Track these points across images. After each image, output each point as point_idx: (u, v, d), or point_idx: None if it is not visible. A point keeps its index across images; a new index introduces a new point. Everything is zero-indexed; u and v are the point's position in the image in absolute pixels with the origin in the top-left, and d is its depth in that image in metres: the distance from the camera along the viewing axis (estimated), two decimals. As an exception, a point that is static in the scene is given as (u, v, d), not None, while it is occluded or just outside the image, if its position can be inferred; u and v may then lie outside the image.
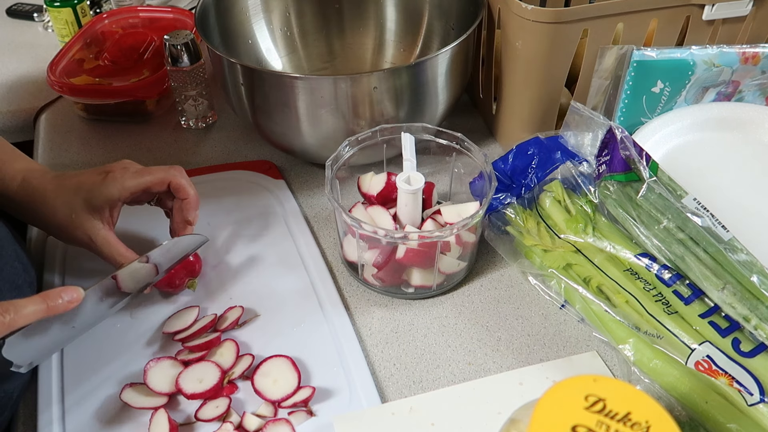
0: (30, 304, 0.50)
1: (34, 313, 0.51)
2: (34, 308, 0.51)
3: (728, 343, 0.56)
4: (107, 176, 0.63)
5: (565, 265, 0.66)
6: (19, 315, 0.49)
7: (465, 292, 0.69)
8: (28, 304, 0.50)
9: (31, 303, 0.51)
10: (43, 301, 0.51)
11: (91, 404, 0.58)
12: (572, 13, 0.71)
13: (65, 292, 0.53)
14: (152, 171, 0.65)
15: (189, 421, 0.57)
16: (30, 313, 0.50)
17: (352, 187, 0.76)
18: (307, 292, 0.68)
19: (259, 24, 0.92)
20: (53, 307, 0.52)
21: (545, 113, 0.81)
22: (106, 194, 0.63)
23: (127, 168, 0.65)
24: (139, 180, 0.64)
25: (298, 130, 0.75)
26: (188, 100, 0.89)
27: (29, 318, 0.50)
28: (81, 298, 0.54)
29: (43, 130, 0.94)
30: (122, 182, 0.63)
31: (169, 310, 0.66)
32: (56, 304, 0.52)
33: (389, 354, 0.63)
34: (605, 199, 0.67)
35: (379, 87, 0.71)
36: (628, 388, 0.38)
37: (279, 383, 0.58)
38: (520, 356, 0.63)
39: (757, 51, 0.72)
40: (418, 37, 0.94)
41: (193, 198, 0.66)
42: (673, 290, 0.61)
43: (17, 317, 0.49)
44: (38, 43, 1.13)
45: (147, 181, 0.64)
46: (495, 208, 0.72)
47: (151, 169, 0.65)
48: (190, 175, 0.69)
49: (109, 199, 0.63)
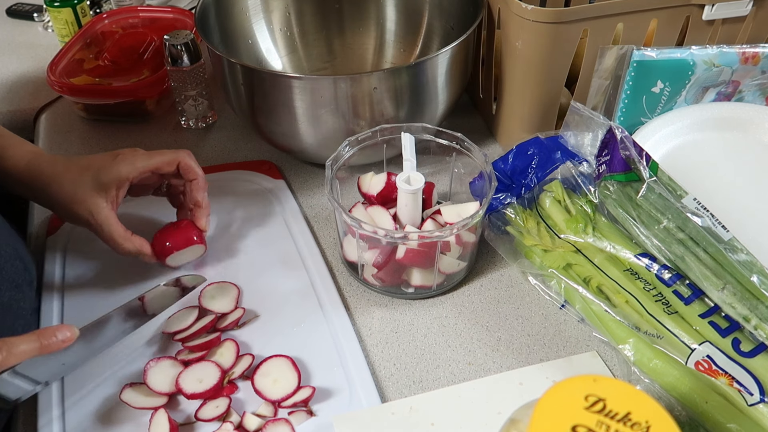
0: (23, 342, 0.50)
1: (27, 351, 0.50)
2: (28, 347, 0.50)
3: (728, 343, 0.56)
4: (117, 157, 0.65)
5: (565, 265, 0.66)
6: (11, 354, 0.49)
7: (465, 292, 0.69)
8: (21, 342, 0.50)
9: (25, 342, 0.50)
10: (37, 340, 0.51)
11: (91, 404, 0.58)
12: (572, 13, 0.71)
13: (60, 330, 0.53)
14: (162, 152, 0.67)
15: (189, 421, 0.57)
16: (23, 351, 0.50)
17: (352, 187, 0.76)
18: (307, 292, 0.68)
19: (259, 24, 0.92)
20: (47, 346, 0.52)
21: (545, 113, 0.81)
22: (115, 172, 0.64)
23: (136, 151, 0.67)
24: (148, 160, 0.66)
25: (298, 130, 0.75)
26: (188, 100, 0.89)
27: (22, 357, 0.50)
28: (75, 337, 0.54)
29: (43, 130, 0.94)
30: (133, 161, 0.65)
31: (169, 310, 0.66)
32: (50, 343, 0.52)
33: (389, 354, 0.63)
34: (605, 199, 0.67)
35: (379, 87, 0.71)
36: (628, 388, 0.38)
37: (279, 383, 0.58)
38: (520, 356, 0.63)
39: (757, 51, 0.72)
40: (418, 37, 0.94)
41: (201, 179, 0.68)
42: (673, 290, 0.61)
43: (9, 356, 0.49)
44: (38, 43, 1.13)
45: (157, 161, 0.66)
46: (495, 208, 0.72)
47: (161, 152, 0.68)
48: None
49: (118, 176, 0.64)
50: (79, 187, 0.64)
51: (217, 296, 0.66)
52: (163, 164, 0.67)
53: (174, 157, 0.67)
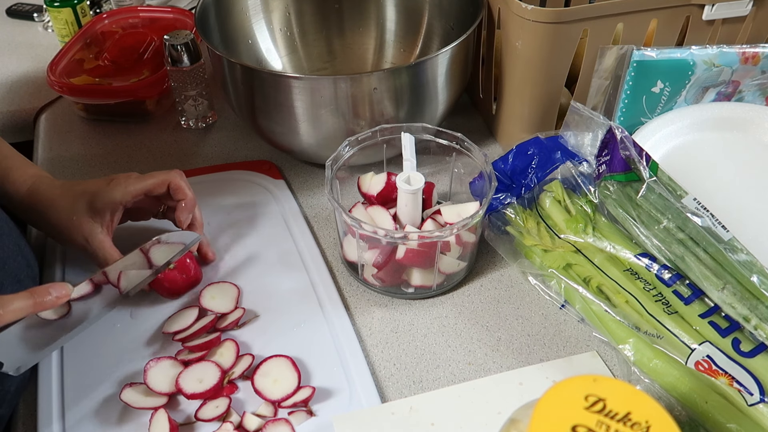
0: (17, 299, 0.50)
1: (21, 309, 0.50)
2: (21, 304, 0.50)
3: (728, 343, 0.56)
4: (111, 182, 0.66)
5: (565, 265, 0.66)
6: (6, 310, 0.49)
7: (465, 292, 0.69)
8: (14, 299, 0.50)
9: (18, 299, 0.50)
10: (31, 297, 0.51)
11: (91, 404, 0.58)
12: (572, 13, 0.71)
13: (53, 288, 0.52)
14: (153, 174, 0.68)
15: (189, 421, 0.57)
16: (17, 308, 0.50)
17: (352, 187, 0.76)
18: (307, 292, 0.68)
19: (259, 24, 0.92)
20: (40, 303, 0.51)
21: (545, 113, 0.81)
22: (109, 197, 0.65)
23: (130, 176, 0.67)
24: (140, 184, 0.66)
25: (298, 131, 0.75)
26: (188, 100, 0.89)
27: (16, 314, 0.50)
28: (69, 294, 0.54)
29: (43, 130, 0.94)
30: (125, 186, 0.66)
31: (169, 310, 0.66)
32: (44, 300, 0.52)
33: (389, 354, 0.63)
34: (605, 199, 0.67)
35: (379, 87, 0.71)
36: (628, 388, 0.38)
37: (279, 383, 0.58)
38: (520, 356, 0.63)
39: (757, 51, 0.72)
40: (418, 37, 0.94)
41: (189, 200, 0.68)
42: (673, 290, 0.61)
43: (4, 313, 0.49)
44: (38, 43, 1.13)
45: (148, 184, 0.67)
46: (495, 208, 0.72)
47: (152, 174, 0.68)
48: (189, 175, 0.71)
49: (112, 201, 0.65)
50: (74, 212, 0.64)
51: (217, 296, 0.66)
52: (154, 186, 0.67)
53: (165, 178, 0.67)
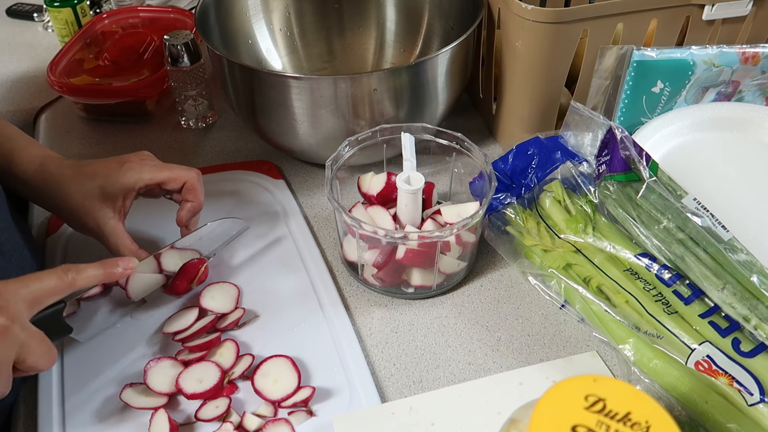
0: (90, 268, 0.54)
1: (94, 276, 0.55)
2: (94, 272, 0.55)
3: (728, 343, 0.56)
4: (124, 165, 0.64)
5: (565, 265, 0.66)
6: (80, 276, 0.53)
7: (465, 292, 0.69)
8: (88, 267, 0.54)
9: (91, 267, 0.55)
10: (102, 267, 0.55)
11: (92, 404, 0.58)
12: (572, 13, 0.71)
13: (122, 260, 0.57)
14: (171, 168, 0.66)
15: (189, 421, 0.57)
16: (90, 275, 0.54)
17: (352, 187, 0.76)
18: (307, 292, 0.68)
19: (259, 24, 0.92)
20: (110, 274, 0.56)
21: (545, 113, 0.81)
22: (121, 182, 0.63)
23: (145, 160, 0.66)
24: (155, 173, 0.65)
25: (297, 131, 0.75)
26: (188, 100, 0.89)
27: (89, 281, 0.54)
28: (135, 267, 0.58)
29: (43, 130, 0.94)
30: (139, 173, 0.64)
31: (169, 310, 0.66)
32: (114, 271, 0.56)
33: (389, 354, 0.63)
34: (605, 199, 0.67)
35: (379, 87, 0.71)
36: (628, 388, 0.38)
37: (279, 383, 0.58)
38: (520, 356, 0.63)
39: (757, 51, 0.72)
40: (418, 37, 0.94)
41: (198, 204, 0.67)
42: (673, 290, 0.61)
43: (78, 277, 0.53)
44: (38, 43, 1.13)
45: (164, 176, 0.65)
46: (495, 208, 0.72)
47: (171, 166, 0.66)
48: None
49: (124, 187, 0.64)
50: (86, 196, 0.63)
51: (217, 296, 0.66)
52: (169, 180, 0.65)
53: (181, 174, 0.65)
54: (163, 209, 0.70)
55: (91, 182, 0.63)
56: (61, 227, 0.75)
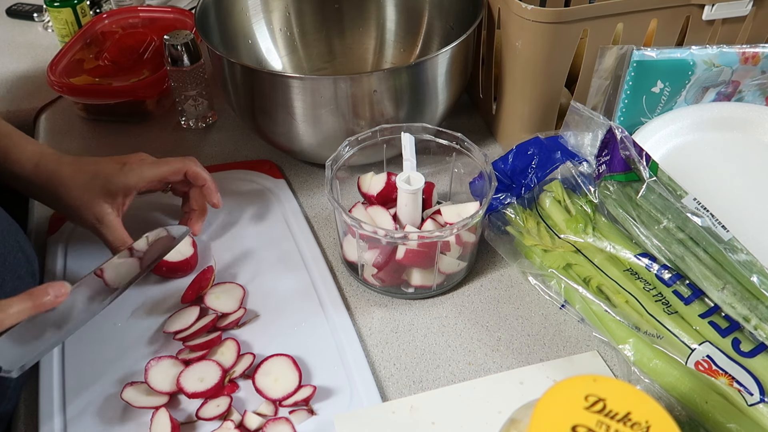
0: (15, 303, 0.49)
1: (21, 312, 0.50)
2: (21, 307, 0.50)
3: (728, 343, 0.56)
4: (125, 166, 0.67)
5: (565, 265, 0.66)
6: (6, 314, 0.49)
7: (465, 292, 0.69)
8: (13, 303, 0.49)
9: (17, 302, 0.50)
10: (29, 299, 0.50)
11: (92, 404, 0.58)
12: (572, 13, 0.71)
13: (51, 287, 0.52)
14: (168, 162, 0.69)
15: (190, 420, 0.57)
16: (16, 312, 0.49)
17: (352, 187, 0.76)
18: (308, 292, 0.68)
19: (259, 24, 0.92)
20: (40, 305, 0.51)
21: (545, 113, 0.81)
22: (123, 182, 0.66)
23: (143, 159, 0.68)
24: (156, 170, 0.67)
25: (297, 131, 0.75)
26: (188, 100, 0.89)
27: (16, 317, 0.49)
28: (68, 293, 0.53)
29: (43, 130, 0.94)
30: (140, 172, 0.66)
31: (170, 309, 0.66)
32: (43, 302, 0.51)
33: (389, 354, 0.63)
34: (605, 199, 0.67)
35: (379, 87, 0.71)
36: (628, 388, 0.39)
37: (280, 382, 0.58)
38: (520, 356, 0.63)
39: (757, 51, 0.72)
40: (418, 37, 0.94)
41: (211, 183, 0.70)
42: (673, 290, 0.61)
43: (3, 316, 0.49)
44: (38, 43, 1.13)
45: (164, 171, 0.68)
46: (495, 208, 0.72)
47: (167, 160, 0.69)
48: None
49: (126, 186, 0.66)
50: (86, 192, 0.65)
51: (222, 296, 0.66)
52: (170, 173, 0.68)
53: (181, 166, 0.68)
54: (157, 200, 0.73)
55: (93, 181, 0.65)
56: (61, 227, 0.75)
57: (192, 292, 0.67)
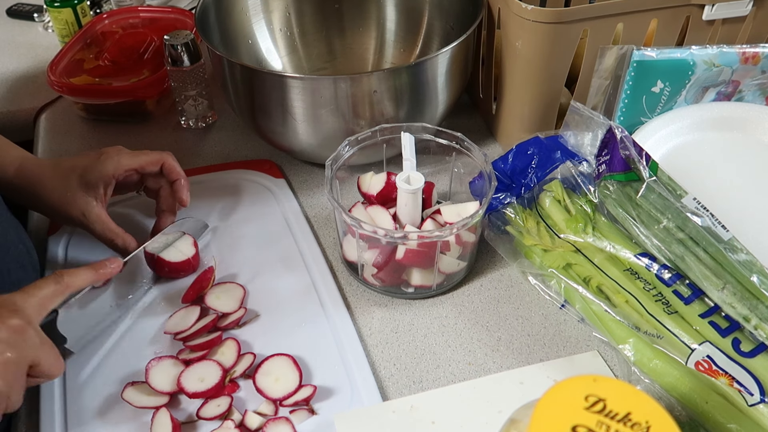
0: (81, 270, 0.58)
1: (87, 278, 0.58)
2: (86, 273, 0.58)
3: (728, 343, 0.56)
4: (102, 155, 0.67)
5: (565, 265, 0.66)
6: (74, 278, 0.56)
7: (465, 292, 0.69)
8: (80, 270, 0.58)
9: (83, 269, 0.58)
10: (92, 268, 0.59)
11: (93, 404, 0.58)
12: (572, 13, 0.71)
13: (109, 261, 0.61)
14: (146, 153, 0.70)
15: (191, 419, 0.57)
16: (83, 277, 0.58)
17: (352, 187, 0.76)
18: (308, 292, 0.68)
19: (259, 24, 0.92)
20: (102, 273, 0.60)
21: (545, 113, 0.81)
22: (101, 170, 0.66)
23: (121, 150, 0.69)
24: (134, 159, 0.68)
25: (297, 131, 0.75)
26: (188, 100, 0.89)
27: (83, 282, 0.58)
28: (121, 265, 0.62)
29: (43, 130, 0.94)
30: (118, 160, 0.67)
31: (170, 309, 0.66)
32: (105, 271, 0.60)
33: (390, 353, 0.63)
34: (605, 199, 0.67)
35: (379, 87, 0.71)
36: (628, 388, 0.39)
37: (280, 382, 0.59)
38: (521, 356, 0.63)
39: (757, 51, 0.72)
40: (418, 37, 0.94)
41: (184, 179, 0.70)
42: (673, 290, 0.61)
43: (72, 279, 0.56)
44: (38, 43, 1.13)
45: (142, 160, 0.68)
46: (495, 208, 0.72)
47: (145, 152, 0.70)
48: (190, 174, 0.72)
49: (104, 175, 0.66)
50: (67, 189, 0.66)
51: (222, 296, 0.67)
52: (148, 163, 0.69)
53: (159, 157, 0.69)
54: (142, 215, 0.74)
55: (71, 174, 0.66)
56: (62, 227, 0.75)
57: (192, 292, 0.67)
